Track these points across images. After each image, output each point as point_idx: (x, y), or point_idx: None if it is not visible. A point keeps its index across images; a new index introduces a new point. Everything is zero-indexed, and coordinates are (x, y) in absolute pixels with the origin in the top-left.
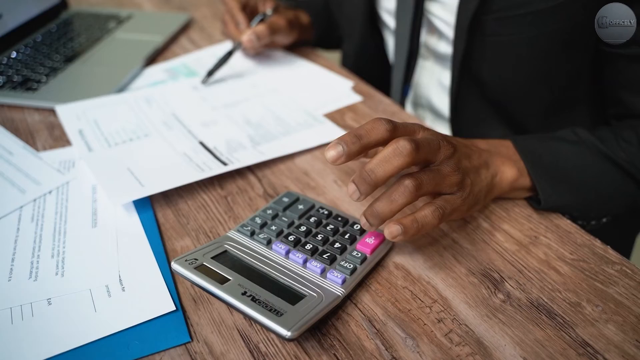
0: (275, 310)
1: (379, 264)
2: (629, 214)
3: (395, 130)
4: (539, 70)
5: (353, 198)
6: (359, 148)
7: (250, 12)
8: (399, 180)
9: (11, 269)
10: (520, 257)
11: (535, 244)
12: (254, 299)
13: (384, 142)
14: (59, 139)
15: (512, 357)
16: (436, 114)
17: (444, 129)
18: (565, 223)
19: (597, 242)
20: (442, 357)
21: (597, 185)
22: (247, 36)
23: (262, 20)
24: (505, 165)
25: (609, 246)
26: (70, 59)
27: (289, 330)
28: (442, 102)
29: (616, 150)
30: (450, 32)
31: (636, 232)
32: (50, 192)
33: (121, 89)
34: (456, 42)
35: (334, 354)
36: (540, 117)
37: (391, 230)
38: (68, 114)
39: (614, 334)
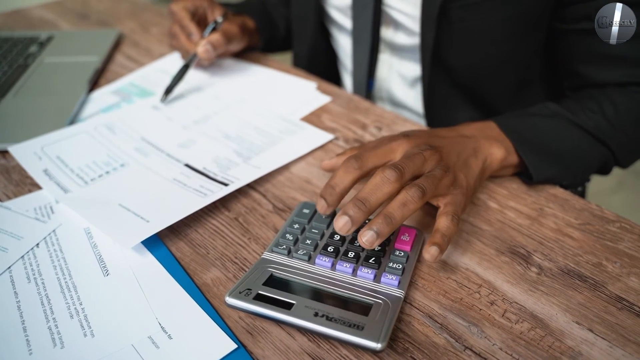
0: (355, 325)
1: (417, 260)
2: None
3: (365, 164)
4: (505, 52)
5: (343, 230)
6: (337, 197)
7: (198, 21)
8: (404, 190)
9: (27, 340)
10: (535, 229)
11: (543, 216)
12: (328, 319)
13: (357, 181)
14: (21, 183)
15: (566, 324)
16: (397, 105)
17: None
18: (561, 192)
19: (593, 205)
20: (509, 337)
21: (577, 153)
22: (202, 47)
23: (214, 29)
24: (494, 146)
25: (602, 206)
26: None
27: (378, 342)
28: (404, 92)
29: (585, 119)
30: (411, 23)
31: (585, 180)
32: (37, 245)
33: (73, 120)
34: (424, 33)
35: (411, 357)
36: (506, 97)
37: (431, 252)
38: (25, 154)
39: (639, 285)
